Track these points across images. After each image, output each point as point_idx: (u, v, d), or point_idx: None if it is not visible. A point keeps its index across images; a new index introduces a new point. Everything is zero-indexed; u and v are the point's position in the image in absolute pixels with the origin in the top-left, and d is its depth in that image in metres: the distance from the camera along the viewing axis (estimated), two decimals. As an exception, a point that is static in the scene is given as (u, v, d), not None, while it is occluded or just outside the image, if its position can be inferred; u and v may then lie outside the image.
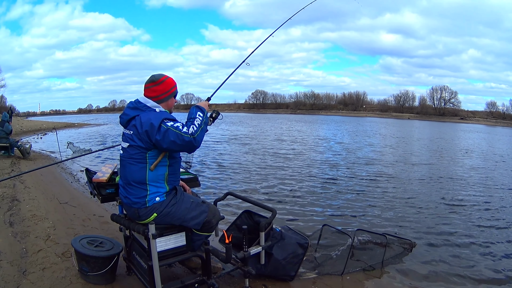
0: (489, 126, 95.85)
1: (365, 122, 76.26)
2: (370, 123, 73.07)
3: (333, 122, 66.49)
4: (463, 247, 6.67)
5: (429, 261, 5.98)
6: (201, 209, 3.69)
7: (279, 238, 4.54)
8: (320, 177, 13.00)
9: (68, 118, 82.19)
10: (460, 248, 6.64)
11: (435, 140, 35.17)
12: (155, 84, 3.54)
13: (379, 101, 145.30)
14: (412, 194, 10.78)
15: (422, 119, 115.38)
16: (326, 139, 30.02)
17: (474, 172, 15.85)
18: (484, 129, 75.58)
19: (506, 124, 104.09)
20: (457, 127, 77.68)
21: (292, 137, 30.53)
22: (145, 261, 3.63)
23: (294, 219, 7.86)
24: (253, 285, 4.40)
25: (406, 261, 5.86)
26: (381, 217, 8.30)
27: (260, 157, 17.49)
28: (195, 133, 3.26)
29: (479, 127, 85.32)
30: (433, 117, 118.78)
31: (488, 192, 11.54)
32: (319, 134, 35.79)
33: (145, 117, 3.35)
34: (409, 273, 5.47)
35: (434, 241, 6.92)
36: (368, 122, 75.13)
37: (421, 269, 5.64)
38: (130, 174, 3.46)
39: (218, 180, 11.96)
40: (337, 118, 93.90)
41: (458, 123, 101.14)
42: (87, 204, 7.71)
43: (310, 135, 34.49)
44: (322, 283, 4.83)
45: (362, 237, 5.97)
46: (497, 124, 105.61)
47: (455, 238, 7.12)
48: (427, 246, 6.61)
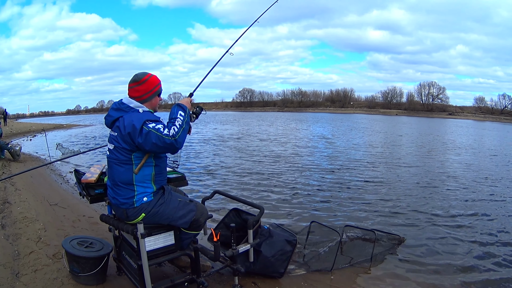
0: (477, 121, 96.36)
1: (352, 118, 76.35)
2: (358, 119, 73.22)
3: (320, 119, 66.48)
4: (452, 241, 6.72)
5: (418, 256, 6.02)
6: (189, 208, 3.71)
7: (268, 235, 4.55)
8: (308, 174, 13.05)
9: (57, 119, 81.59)
10: (449, 242, 6.69)
11: (423, 135, 35.41)
12: (137, 84, 3.53)
13: (366, 98, 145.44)
14: (400, 189, 10.84)
15: (410, 115, 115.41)
16: (313, 137, 30.06)
17: (463, 166, 15.99)
18: (472, 124, 76.03)
19: (494, 119, 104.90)
20: (446, 122, 78.02)
21: (279, 135, 30.48)
22: (135, 260, 3.65)
23: (282, 217, 7.88)
24: (242, 282, 4.43)
25: (395, 257, 5.89)
26: (370, 213, 8.34)
27: (248, 156, 17.48)
28: (176, 135, 3.27)
29: (468, 122, 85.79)
30: (421, 113, 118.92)
31: (477, 186, 11.65)
32: (306, 132, 35.79)
33: (128, 119, 3.35)
34: (398, 269, 5.51)
35: (423, 236, 6.97)
36: (355, 119, 75.24)
37: (410, 264, 5.68)
38: (117, 175, 3.47)
39: (206, 178, 11.97)
40: (324, 115, 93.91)
41: (446, 119, 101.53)
42: (77, 205, 7.70)
43: (297, 132, 34.47)
44: (311, 279, 4.86)
45: (350, 233, 6.03)
46: (486, 119, 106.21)
47: (444, 232, 7.17)
48: (416, 241, 6.63)
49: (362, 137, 30.64)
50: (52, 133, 37.01)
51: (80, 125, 49.59)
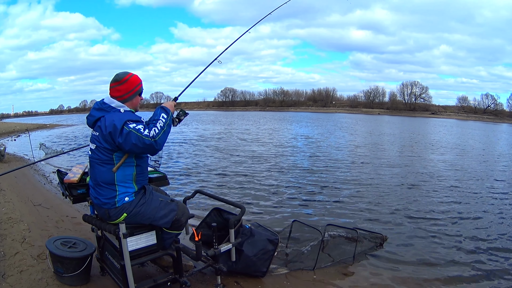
0: (460, 120, 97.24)
1: (335, 118, 76.46)
2: (340, 119, 73.39)
3: (303, 119, 66.51)
4: (434, 240, 6.83)
5: (400, 254, 6.10)
6: (170, 207, 3.73)
7: (249, 234, 4.56)
8: (290, 174, 13.10)
9: (40, 119, 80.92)
10: (431, 240, 6.79)
11: (406, 135, 35.75)
12: (118, 84, 3.52)
13: (348, 97, 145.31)
14: (383, 189, 10.94)
15: (393, 114, 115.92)
16: (295, 136, 30.16)
17: (446, 165, 16.20)
18: (455, 123, 76.69)
19: (477, 118, 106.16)
20: (429, 121, 78.63)
21: (261, 135, 30.48)
22: (118, 260, 3.64)
23: (264, 216, 7.93)
24: (225, 282, 4.44)
25: (378, 255, 5.96)
26: (352, 212, 8.42)
27: (229, 156, 17.51)
28: (156, 136, 3.28)
29: (451, 121, 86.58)
30: (404, 112, 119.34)
31: (459, 184, 11.81)
32: (288, 131, 35.87)
33: (109, 118, 3.35)
34: (381, 267, 5.58)
35: (406, 234, 7.07)
36: (338, 118, 75.39)
37: (392, 263, 5.76)
38: (99, 175, 3.47)
39: (187, 178, 12.00)
40: (306, 115, 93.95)
41: (429, 118, 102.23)
42: (60, 205, 7.67)
43: (279, 132, 34.50)
44: (294, 278, 4.90)
45: (332, 232, 6.06)
46: (469, 118, 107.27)
47: (426, 231, 7.27)
48: (398, 240, 6.73)
49: (344, 136, 30.84)
50: (36, 133, 36.75)
51: (63, 125, 49.26)
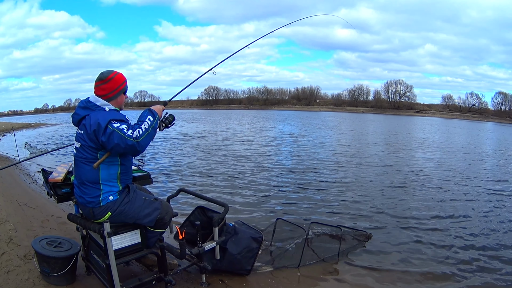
0: (445, 118, 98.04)
1: (319, 116, 76.49)
2: (324, 117, 73.44)
3: (287, 117, 66.44)
4: (419, 237, 6.89)
5: (385, 251, 6.18)
6: (154, 206, 3.74)
7: (233, 233, 4.58)
8: (274, 172, 13.11)
9: (25, 118, 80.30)
10: (416, 238, 6.86)
11: (391, 133, 35.98)
12: (103, 82, 3.53)
13: (333, 96, 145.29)
14: (367, 187, 11.06)
15: (377, 112, 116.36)
16: (280, 135, 30.12)
17: (431, 163, 16.35)
18: (440, 121, 77.31)
19: (462, 117, 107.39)
20: (413, 120, 79.21)
21: (245, 134, 30.40)
22: (103, 260, 3.65)
23: (248, 214, 7.95)
24: (210, 280, 4.48)
25: (362, 253, 6.03)
26: (337, 210, 8.48)
27: (213, 155, 17.46)
28: (140, 137, 3.30)
29: (436, 119, 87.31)
30: (388, 111, 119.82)
31: (445, 182, 11.93)
32: (273, 130, 35.76)
33: (94, 117, 3.35)
34: (365, 264, 5.63)
35: (390, 232, 7.15)
36: (322, 117, 75.44)
37: (377, 260, 5.82)
38: (83, 174, 3.47)
39: (171, 177, 11.99)
40: (290, 113, 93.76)
41: (414, 116, 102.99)
42: (45, 205, 7.64)
43: (263, 131, 34.41)
44: (278, 276, 4.94)
45: (316, 230, 6.11)
46: (453, 116, 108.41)
47: (411, 228, 7.36)
48: (383, 237, 6.79)
49: (329, 135, 30.88)
50: (21, 132, 36.36)
51: (48, 124, 48.75)
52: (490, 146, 26.86)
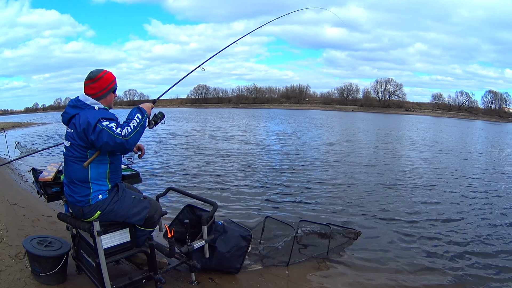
0: (435, 117, 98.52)
1: (308, 115, 76.38)
2: (314, 115, 73.43)
3: (277, 116, 66.31)
4: (408, 235, 6.98)
5: (374, 249, 6.25)
6: (143, 205, 3.76)
7: (222, 231, 4.62)
8: (262, 170, 13.18)
9: (16, 117, 79.76)
10: (405, 236, 6.95)
11: (382, 132, 36.14)
12: (92, 81, 3.53)
13: (322, 94, 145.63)
14: (357, 185, 11.14)
15: (366, 111, 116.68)
16: (270, 134, 30.13)
17: (420, 162, 16.47)
18: (430, 119, 77.71)
19: (452, 115, 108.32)
20: (403, 118, 79.48)
21: (235, 132, 30.32)
22: (93, 259, 3.66)
23: (237, 212, 7.97)
24: (199, 279, 4.51)
25: (351, 250, 6.09)
26: (326, 208, 8.54)
27: (203, 153, 17.48)
28: (128, 136, 3.31)
29: (425, 118, 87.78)
30: (378, 109, 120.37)
31: (435, 181, 12.04)
32: (262, 129, 35.74)
33: (84, 115, 3.37)
34: (354, 262, 5.71)
35: (380, 229, 7.24)
36: (312, 115, 75.42)
37: (366, 258, 5.89)
38: (73, 173, 3.48)
39: (160, 176, 12.00)
40: (280, 111, 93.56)
41: (403, 115, 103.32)
42: (36, 204, 7.62)
43: (253, 129, 34.39)
44: (268, 274, 4.99)
45: (306, 228, 6.14)
46: (443, 115, 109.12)
47: (400, 226, 7.45)
48: (372, 235, 6.89)
49: (318, 134, 30.90)
50: (11, 132, 36.14)
51: (38, 123, 48.58)
52: (481, 145, 27.04)
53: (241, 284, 4.67)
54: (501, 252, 6.29)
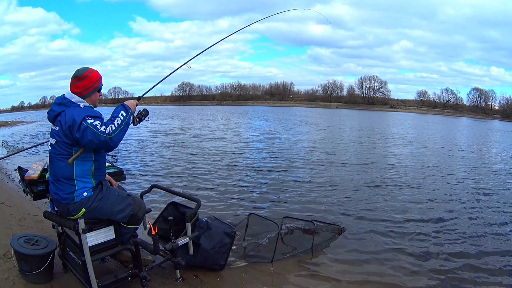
0: (420, 114, 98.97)
1: (293, 112, 76.23)
2: (299, 112, 73.45)
3: (261, 113, 66.11)
4: (392, 231, 7.10)
5: (358, 245, 6.33)
6: (127, 202, 3.80)
7: (206, 228, 4.65)
8: (246, 168, 13.26)
9: (2, 116, 78.84)
10: (389, 231, 7.06)
11: (367, 129, 36.33)
12: (78, 80, 3.56)
13: (306, 91, 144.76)
14: (339, 181, 11.31)
15: (351, 108, 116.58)
16: (252, 131, 30.22)
17: (404, 158, 16.68)
18: (415, 116, 78.09)
19: (437, 112, 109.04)
20: (388, 115, 79.74)
21: (218, 130, 30.38)
22: (79, 256, 3.69)
23: (221, 209, 8.02)
24: (184, 276, 4.56)
25: (336, 246, 6.19)
26: (310, 205, 8.62)
27: (187, 151, 17.49)
28: (112, 133, 3.35)
29: (410, 115, 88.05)
30: (362, 106, 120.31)
31: (418, 178, 12.19)
32: (247, 126, 35.70)
33: (69, 113, 3.40)
34: (339, 258, 5.79)
35: (364, 225, 7.32)
36: (297, 112, 75.43)
37: (350, 254, 5.98)
38: (58, 170, 3.51)
39: (144, 173, 12.01)
40: (264, 108, 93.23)
41: (388, 112, 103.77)
42: (22, 203, 7.62)
43: (238, 127, 34.29)
44: (252, 270, 5.06)
45: (290, 224, 6.23)
46: (428, 112, 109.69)
47: (384, 222, 7.56)
48: (356, 231, 6.98)
49: (303, 131, 30.74)
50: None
51: (24, 122, 48.07)
52: (469, 142, 27.34)
53: (225, 281, 4.72)
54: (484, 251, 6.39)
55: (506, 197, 10.08)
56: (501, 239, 6.94)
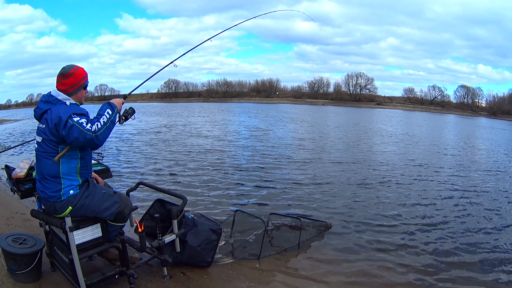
0: (407, 110, 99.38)
1: (279, 108, 76.10)
2: (286, 109, 73.26)
3: (248, 110, 65.94)
4: (377, 227, 7.19)
5: (345, 242, 6.41)
6: (113, 199, 3.82)
7: (192, 225, 4.69)
8: (232, 164, 13.29)
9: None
10: (375, 228, 7.15)
11: (354, 125, 36.34)
12: (64, 77, 3.57)
13: (292, 88, 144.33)
14: (326, 178, 11.40)
15: (337, 104, 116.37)
16: (238, 128, 30.15)
17: (391, 154, 16.86)
18: (401, 113, 78.39)
19: (424, 109, 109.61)
20: (375, 112, 79.99)
21: (203, 126, 30.32)
22: (66, 255, 3.71)
23: (207, 206, 8.06)
24: (171, 273, 4.59)
25: (322, 243, 6.26)
26: (296, 201, 8.70)
27: (173, 148, 17.46)
28: (98, 131, 3.36)
29: (397, 111, 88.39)
30: (349, 103, 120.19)
31: (403, 173, 12.38)
32: (234, 123, 35.61)
33: (55, 111, 3.41)
34: (325, 254, 5.86)
35: (350, 221, 7.41)
36: (284, 109, 75.29)
37: (337, 250, 6.04)
38: (44, 168, 3.52)
39: (130, 170, 12.01)
40: (250, 105, 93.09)
41: (374, 108, 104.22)
42: (10, 202, 7.58)
43: (224, 124, 34.26)
44: (239, 267, 5.10)
45: (276, 221, 6.30)
46: (415, 109, 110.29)
47: (371, 219, 7.64)
48: (343, 227, 7.06)
49: (290, 128, 30.73)
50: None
51: (11, 120, 47.66)
52: (458, 139, 27.57)
53: (213, 278, 4.75)
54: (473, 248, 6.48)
55: (493, 193, 10.28)
56: (490, 237, 7.04)
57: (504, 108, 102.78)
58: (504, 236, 7.11)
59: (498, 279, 5.42)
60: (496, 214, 8.39)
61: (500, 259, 6.06)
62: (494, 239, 6.90)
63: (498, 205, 9.15)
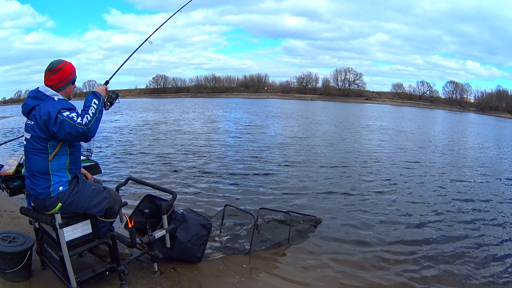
0: (395, 106, 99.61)
1: (268, 103, 75.88)
2: (274, 104, 73.29)
3: (235, 105, 65.77)
4: (368, 222, 7.25)
5: (335, 235, 6.46)
6: (103, 195, 3.81)
7: (182, 220, 4.69)
8: (221, 160, 13.35)
9: (-23, 112, 77.96)
10: (364, 222, 7.20)
11: (343, 120, 36.59)
12: (52, 73, 3.55)
13: (281, 83, 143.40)
14: (316, 172, 11.46)
15: (326, 99, 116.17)
16: (227, 123, 30.22)
17: (380, 147, 17.12)
18: (390, 108, 78.60)
19: (412, 104, 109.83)
20: (363, 107, 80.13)
21: (192, 122, 30.38)
22: (56, 252, 3.71)
23: (196, 202, 8.07)
24: (162, 269, 4.59)
25: (312, 237, 6.29)
26: (286, 196, 8.75)
27: (162, 143, 17.48)
28: (89, 124, 3.36)
29: (386, 107, 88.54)
30: (337, 98, 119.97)
31: (393, 169, 12.45)
32: (222, 118, 35.56)
33: (44, 107, 3.39)
34: (315, 249, 5.90)
35: (340, 216, 7.47)
36: (270, 103, 75.48)
37: (327, 244, 6.10)
38: (34, 165, 3.50)
39: (120, 166, 12.02)
40: (238, 100, 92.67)
41: (363, 103, 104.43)
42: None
43: (213, 119, 34.23)
44: (229, 262, 5.12)
45: (266, 216, 6.33)
46: (404, 104, 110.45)
47: (360, 212, 7.73)
48: (332, 221, 7.11)
49: (279, 123, 30.78)
50: (-28, 127, 35.45)
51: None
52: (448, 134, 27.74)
53: (203, 273, 4.77)
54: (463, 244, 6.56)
55: (484, 188, 10.44)
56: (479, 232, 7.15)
57: (492, 104, 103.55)
58: (493, 230, 7.24)
59: (484, 273, 5.52)
60: (489, 211, 8.53)
61: (489, 253, 6.15)
62: (481, 234, 7.01)
63: (490, 198, 9.36)
